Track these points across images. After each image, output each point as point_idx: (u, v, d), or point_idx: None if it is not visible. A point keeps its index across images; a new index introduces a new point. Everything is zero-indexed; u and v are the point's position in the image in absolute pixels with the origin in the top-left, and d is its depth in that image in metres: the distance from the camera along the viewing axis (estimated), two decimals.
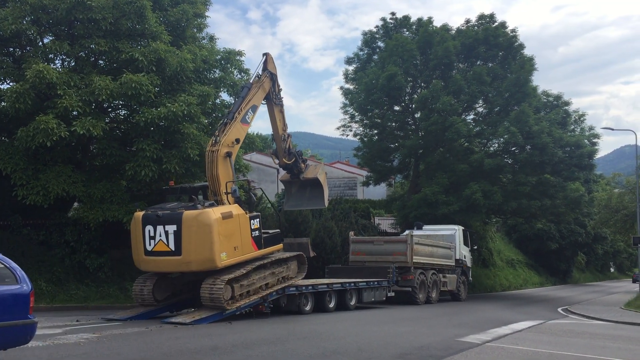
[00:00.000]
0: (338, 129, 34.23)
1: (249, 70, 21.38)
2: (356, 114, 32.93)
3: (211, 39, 22.32)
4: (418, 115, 31.05)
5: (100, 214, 17.60)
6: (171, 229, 13.57)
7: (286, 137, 18.18)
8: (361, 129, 33.34)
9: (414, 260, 22.19)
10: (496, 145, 31.44)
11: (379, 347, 10.44)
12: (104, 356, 8.84)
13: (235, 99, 18.14)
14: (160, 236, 13.68)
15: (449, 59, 29.56)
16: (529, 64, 29.88)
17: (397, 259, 22.07)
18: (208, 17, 21.65)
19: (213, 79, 20.70)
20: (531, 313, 21.26)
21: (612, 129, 37.09)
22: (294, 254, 16.82)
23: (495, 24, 31.12)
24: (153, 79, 17.43)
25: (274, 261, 15.70)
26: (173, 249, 13.57)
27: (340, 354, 9.61)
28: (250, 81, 16.86)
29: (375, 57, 33.24)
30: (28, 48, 19.04)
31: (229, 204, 14.45)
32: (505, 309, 22.59)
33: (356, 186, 44.32)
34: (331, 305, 17.57)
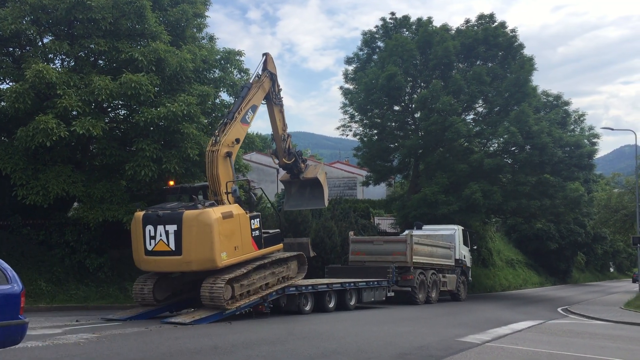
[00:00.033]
0: (338, 128, 34.28)
1: (248, 70, 21.41)
2: (356, 113, 32.93)
3: (211, 38, 22.33)
4: (418, 115, 31.05)
5: (100, 214, 17.60)
6: (172, 228, 13.58)
7: (286, 137, 18.18)
8: (361, 128, 33.37)
9: (413, 260, 22.19)
10: (496, 145, 31.45)
11: (378, 347, 10.44)
12: (104, 356, 8.84)
13: (235, 99, 18.13)
14: (160, 236, 13.69)
15: (448, 59, 29.57)
16: (529, 64, 29.89)
17: (397, 259, 22.07)
18: (208, 17, 21.69)
19: (213, 78, 20.70)
20: (531, 313, 21.27)
21: (612, 129, 36.98)
22: (294, 253, 16.82)
23: (495, 24, 31.13)
24: (153, 78, 17.43)
25: (274, 261, 15.70)
26: (173, 249, 13.58)
27: (340, 354, 9.61)
28: (250, 81, 16.86)
29: (375, 57, 33.24)
30: (28, 48, 19.03)
31: (229, 203, 14.45)
32: (504, 309, 22.60)
33: (356, 186, 44.31)
34: (331, 305, 17.57)
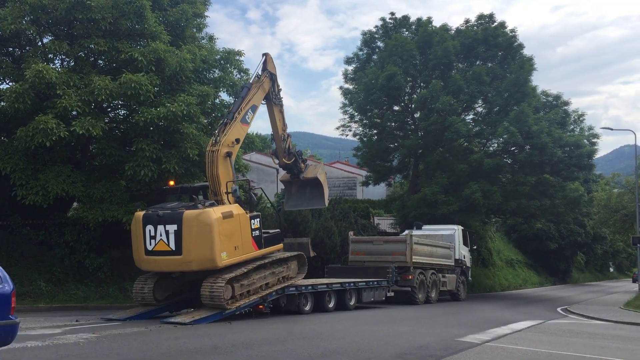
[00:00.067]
0: (337, 128, 34.27)
1: (248, 70, 21.40)
2: (355, 113, 32.94)
3: (210, 38, 22.32)
4: (417, 115, 31.06)
5: (100, 214, 17.59)
6: (172, 228, 13.58)
7: (286, 137, 18.17)
8: (360, 128, 33.38)
9: (413, 260, 22.19)
10: (495, 145, 31.47)
11: (378, 347, 10.44)
12: (104, 356, 8.84)
13: (235, 99, 18.13)
14: (160, 236, 13.68)
15: (448, 59, 29.58)
16: (528, 64, 29.91)
17: (397, 259, 22.07)
18: (207, 17, 21.67)
19: (212, 78, 20.69)
20: (530, 313, 21.27)
21: (612, 129, 37.01)
22: (294, 253, 16.82)
23: (495, 24, 31.15)
24: (152, 78, 17.42)
25: (274, 261, 15.70)
26: (174, 249, 13.57)
27: (340, 353, 9.61)
28: (250, 81, 16.85)
29: (375, 57, 33.24)
30: (27, 48, 19.02)
31: (230, 203, 14.45)
32: (504, 309, 22.60)
33: (355, 186, 44.31)
34: (331, 305, 17.57)
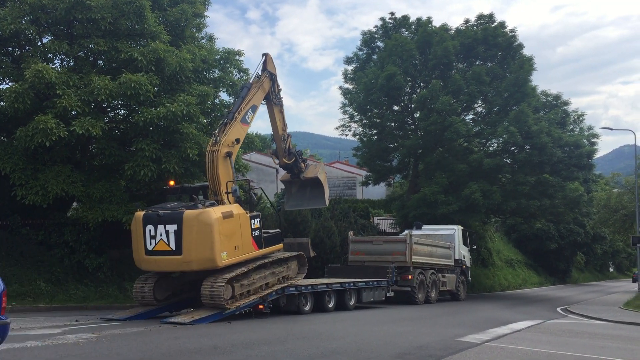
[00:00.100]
0: (337, 128, 34.29)
1: (248, 70, 21.39)
2: (355, 113, 32.95)
3: (210, 38, 22.31)
4: (417, 115, 31.07)
5: (100, 214, 17.59)
6: (172, 228, 13.57)
7: (286, 137, 18.16)
8: (360, 128, 33.40)
9: (413, 260, 22.19)
10: (495, 145, 31.48)
11: (378, 347, 10.44)
12: (103, 356, 8.83)
13: (235, 99, 18.12)
14: (161, 236, 13.68)
15: (448, 58, 29.59)
16: (528, 64, 29.91)
17: (397, 259, 22.07)
18: (207, 17, 21.66)
19: (212, 78, 20.68)
20: (530, 313, 21.28)
21: (611, 129, 36.89)
22: (294, 253, 16.81)
23: (495, 24, 31.16)
24: (152, 78, 17.41)
25: (274, 261, 15.69)
26: (174, 249, 13.57)
27: (340, 353, 9.60)
28: (250, 81, 16.84)
29: (375, 57, 33.25)
30: (27, 48, 19.01)
31: (230, 203, 14.44)
32: (504, 309, 22.61)
33: (355, 186, 44.31)
34: (330, 305, 17.57)
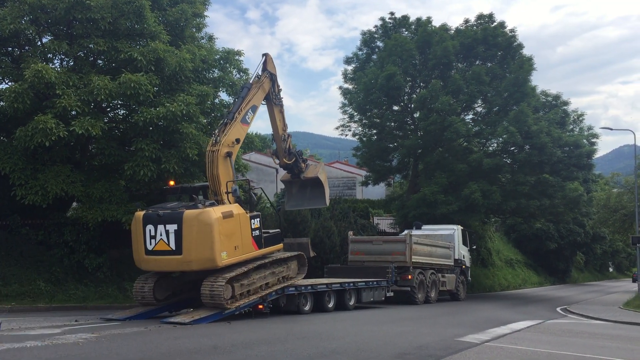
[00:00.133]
0: (337, 128, 34.33)
1: (248, 70, 21.40)
2: (355, 113, 32.96)
3: (210, 38, 22.31)
4: (417, 115, 31.07)
5: (99, 214, 17.58)
6: (172, 228, 13.56)
7: (286, 137, 18.15)
8: (360, 128, 33.42)
9: (412, 260, 22.19)
10: (495, 145, 31.49)
11: (378, 347, 10.44)
12: (103, 356, 8.83)
13: (235, 99, 18.11)
14: (161, 235, 13.67)
15: (447, 58, 29.59)
16: (528, 64, 29.92)
17: (396, 259, 22.07)
18: (207, 17, 21.66)
19: (212, 78, 20.68)
20: (530, 313, 21.28)
21: (611, 129, 36.83)
22: (294, 253, 16.81)
23: (494, 23, 31.17)
24: (152, 78, 17.40)
25: (274, 261, 15.69)
26: (174, 248, 13.56)
27: (340, 353, 9.60)
28: (250, 81, 16.83)
29: (374, 57, 33.27)
30: (27, 48, 19.00)
31: (230, 203, 14.44)
32: (504, 309, 22.61)
33: (355, 186, 44.32)
34: (330, 305, 17.57)
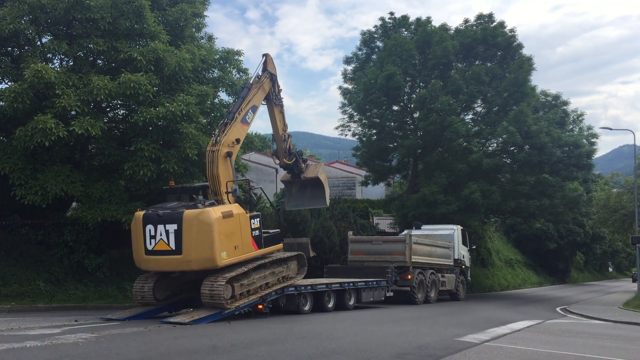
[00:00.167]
0: (337, 128, 34.34)
1: (247, 70, 21.41)
2: (355, 113, 32.97)
3: (210, 38, 22.31)
4: (417, 115, 31.07)
5: (99, 214, 17.58)
6: (172, 228, 13.56)
7: (286, 138, 18.15)
8: (360, 128, 33.43)
9: (412, 260, 22.19)
10: (495, 145, 31.50)
11: (377, 347, 10.44)
12: (103, 356, 8.82)
13: (235, 99, 18.12)
14: (160, 235, 13.66)
15: (447, 58, 29.60)
16: (528, 64, 29.93)
17: (396, 259, 22.07)
18: (207, 17, 21.66)
19: (212, 78, 20.68)
20: (530, 313, 21.28)
21: (611, 129, 36.90)
22: (294, 253, 16.80)
23: (494, 23, 31.19)
24: (151, 78, 17.40)
25: (274, 261, 15.69)
26: (174, 248, 13.55)
27: (339, 353, 9.60)
28: (250, 81, 16.82)
29: (374, 57, 33.26)
30: (26, 47, 18.98)
31: (230, 203, 14.44)
32: (503, 309, 22.61)
33: (355, 186, 44.33)
34: (330, 305, 17.57)
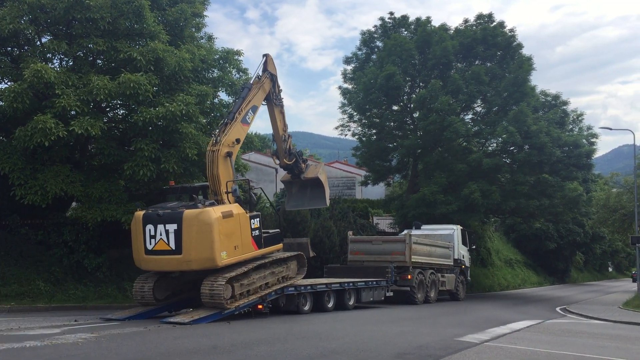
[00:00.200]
0: (336, 128, 34.35)
1: (247, 69, 21.43)
2: (355, 113, 32.98)
3: (209, 38, 22.31)
4: (416, 114, 31.06)
5: (99, 214, 17.58)
6: (172, 228, 13.55)
7: (287, 138, 18.14)
8: (360, 128, 33.43)
9: (412, 260, 22.19)
10: (494, 144, 31.51)
11: (377, 347, 10.44)
12: (103, 356, 8.82)
13: (235, 99, 18.11)
14: (160, 235, 13.66)
15: (447, 58, 29.60)
16: (527, 64, 29.93)
17: (396, 259, 22.07)
18: (206, 17, 21.66)
19: (211, 78, 20.69)
20: (529, 313, 21.29)
21: (610, 129, 37.02)
22: (293, 253, 16.80)
23: (494, 23, 31.20)
24: (151, 78, 17.40)
25: (273, 261, 15.69)
26: (173, 248, 13.55)
27: (339, 353, 9.60)
28: (250, 82, 16.81)
29: (374, 57, 33.27)
30: (26, 47, 18.99)
31: (230, 203, 14.44)
32: (503, 309, 22.61)
33: (354, 186, 44.33)
34: (330, 305, 17.57)
